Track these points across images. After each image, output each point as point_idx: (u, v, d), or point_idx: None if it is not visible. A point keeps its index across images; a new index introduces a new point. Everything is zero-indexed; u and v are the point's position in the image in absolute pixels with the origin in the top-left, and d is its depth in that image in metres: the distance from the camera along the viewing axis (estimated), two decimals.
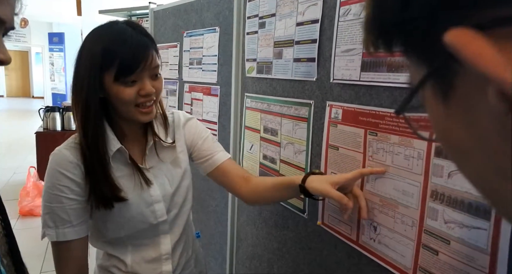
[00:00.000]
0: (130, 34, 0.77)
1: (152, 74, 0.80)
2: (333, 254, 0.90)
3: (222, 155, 0.96)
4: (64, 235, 0.81)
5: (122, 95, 0.77)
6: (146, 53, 0.77)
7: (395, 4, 0.20)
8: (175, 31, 1.82)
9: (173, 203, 0.91)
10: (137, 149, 0.90)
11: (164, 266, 0.92)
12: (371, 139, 0.76)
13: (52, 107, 3.65)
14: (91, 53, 0.77)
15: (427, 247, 0.65)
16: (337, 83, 0.86)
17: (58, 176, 0.79)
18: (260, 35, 1.15)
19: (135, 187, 0.86)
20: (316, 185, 0.77)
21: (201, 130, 0.98)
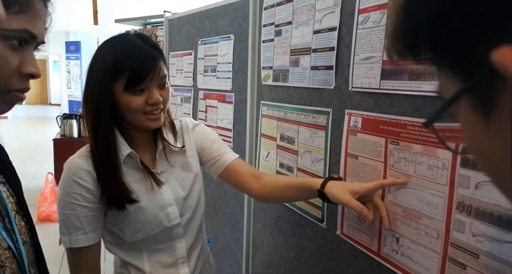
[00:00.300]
0: (140, 45, 0.81)
1: (159, 84, 0.84)
2: (353, 265, 0.88)
3: (230, 155, 0.97)
4: (77, 241, 0.84)
5: (131, 103, 0.81)
6: (154, 64, 0.81)
7: (433, 16, 0.20)
8: (189, 39, 1.84)
9: (185, 207, 0.93)
10: (147, 155, 0.92)
11: (181, 270, 0.93)
12: (392, 148, 0.75)
13: (69, 115, 3.73)
14: (103, 64, 0.80)
15: (454, 261, 0.63)
16: (356, 91, 0.85)
17: (72, 184, 0.82)
18: (276, 43, 1.15)
19: (147, 191, 0.88)
20: (336, 192, 0.76)
21: (208, 134, 1.00)
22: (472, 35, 0.18)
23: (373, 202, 0.76)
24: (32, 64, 0.46)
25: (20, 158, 5.41)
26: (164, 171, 0.92)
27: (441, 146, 0.65)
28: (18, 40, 0.44)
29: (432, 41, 0.21)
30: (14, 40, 0.43)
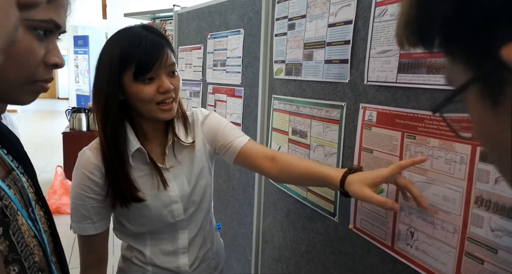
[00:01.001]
0: (145, 35, 0.81)
1: (168, 72, 0.83)
2: (366, 259, 0.88)
3: (242, 139, 0.94)
4: (85, 230, 0.88)
5: (141, 93, 0.81)
6: (161, 51, 0.81)
7: (448, 10, 0.20)
8: (199, 33, 1.84)
9: (190, 202, 0.94)
10: (158, 149, 0.92)
11: (181, 259, 0.95)
12: (409, 142, 0.74)
13: (78, 108, 3.76)
14: (110, 57, 0.81)
15: (471, 256, 0.63)
16: (371, 85, 0.84)
17: (82, 175, 0.85)
18: (289, 37, 1.14)
19: (153, 187, 0.89)
20: (355, 189, 0.73)
21: (220, 122, 0.98)
22: (485, 30, 0.19)
23: (397, 183, 0.72)
24: (56, 54, 0.47)
25: (30, 151, 5.43)
26: (173, 166, 0.92)
27: (459, 140, 0.64)
28: (44, 30, 0.44)
29: (446, 34, 0.22)
30: (40, 30, 0.44)
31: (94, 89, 0.85)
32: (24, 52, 0.43)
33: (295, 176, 0.87)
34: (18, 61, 0.43)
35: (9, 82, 0.44)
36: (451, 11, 0.20)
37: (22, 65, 0.43)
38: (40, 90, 0.48)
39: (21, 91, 0.45)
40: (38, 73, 0.46)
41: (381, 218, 0.82)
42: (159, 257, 0.94)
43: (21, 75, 0.44)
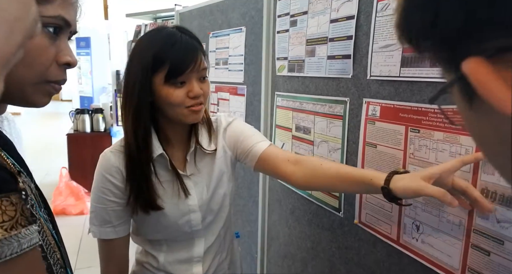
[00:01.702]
0: (180, 36, 0.79)
1: (200, 76, 0.82)
2: (372, 253, 0.88)
3: (262, 144, 0.90)
4: (106, 234, 0.86)
5: (171, 97, 0.78)
6: (195, 55, 0.79)
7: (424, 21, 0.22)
8: (201, 32, 1.84)
9: (208, 211, 0.91)
10: (180, 155, 0.90)
11: (194, 268, 0.93)
12: (413, 136, 0.74)
13: (81, 110, 3.77)
14: (142, 58, 0.79)
15: (477, 248, 0.63)
16: (374, 80, 0.84)
17: (102, 178, 0.83)
18: (291, 33, 1.14)
19: (174, 195, 0.87)
20: (406, 183, 0.64)
21: (242, 129, 0.94)
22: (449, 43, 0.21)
23: (454, 185, 0.63)
24: (68, 53, 0.47)
25: (34, 153, 5.51)
26: (193, 173, 0.89)
27: (464, 133, 0.64)
28: (54, 27, 0.45)
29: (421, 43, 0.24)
30: (50, 27, 0.44)
31: (125, 89, 0.83)
32: (36, 50, 0.43)
33: (324, 179, 0.78)
34: (30, 60, 0.43)
35: (22, 82, 0.44)
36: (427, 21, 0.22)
37: (34, 64, 0.43)
38: (53, 92, 0.48)
39: (33, 91, 0.45)
40: (50, 73, 0.46)
41: (387, 213, 0.82)
42: (173, 265, 0.92)
43: (34, 74, 0.44)
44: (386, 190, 0.66)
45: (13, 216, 0.36)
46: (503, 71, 0.18)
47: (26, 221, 0.38)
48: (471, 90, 0.20)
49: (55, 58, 0.46)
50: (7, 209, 0.36)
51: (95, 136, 3.68)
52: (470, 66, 0.19)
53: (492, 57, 0.19)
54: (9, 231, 0.35)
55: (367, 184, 0.70)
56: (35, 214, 0.43)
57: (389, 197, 0.66)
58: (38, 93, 0.46)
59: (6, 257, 0.35)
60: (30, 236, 0.38)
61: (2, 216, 0.35)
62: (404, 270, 0.79)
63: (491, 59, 0.19)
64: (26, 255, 0.37)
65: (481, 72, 0.19)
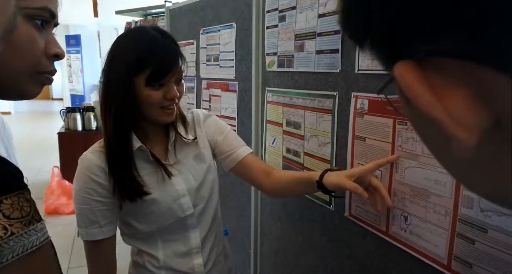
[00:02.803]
0: (162, 42, 0.82)
1: (177, 79, 0.85)
2: (362, 245, 0.89)
3: (244, 149, 0.97)
4: (93, 235, 0.86)
5: (150, 98, 0.82)
6: (176, 60, 0.83)
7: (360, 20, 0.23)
8: (191, 29, 1.83)
9: (199, 197, 0.94)
10: (160, 147, 0.93)
11: (195, 260, 0.94)
12: (401, 128, 0.75)
13: (72, 108, 3.74)
14: (125, 59, 0.81)
15: (463, 236, 0.64)
16: (362, 74, 0.85)
17: (86, 179, 0.84)
18: (280, 29, 1.15)
19: (159, 182, 0.89)
20: (332, 179, 0.79)
21: (221, 126, 1.00)
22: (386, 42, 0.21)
23: (371, 184, 0.79)
24: (56, 45, 0.48)
25: (26, 152, 5.45)
26: (176, 163, 0.93)
27: None
28: (41, 20, 0.45)
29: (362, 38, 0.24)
30: (38, 20, 0.45)
31: (105, 88, 0.85)
32: (26, 42, 0.44)
33: (284, 185, 0.92)
34: (21, 52, 0.44)
35: (15, 74, 0.45)
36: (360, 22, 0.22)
37: (26, 56, 0.45)
38: (46, 82, 0.49)
39: (27, 82, 0.47)
40: (41, 64, 0.47)
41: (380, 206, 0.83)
42: (173, 260, 0.93)
43: (26, 66, 0.46)
44: (320, 184, 0.81)
45: (29, 212, 0.39)
46: (430, 74, 0.19)
47: (38, 215, 0.40)
48: None
49: (44, 50, 0.47)
50: (24, 205, 0.38)
51: (86, 135, 3.65)
52: (399, 71, 0.19)
53: (421, 60, 0.19)
54: (28, 226, 0.38)
55: (309, 181, 0.84)
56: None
57: (322, 189, 0.82)
58: (32, 84, 0.48)
59: (27, 250, 0.37)
60: (44, 230, 0.40)
61: (20, 212, 0.37)
62: (393, 260, 0.81)
63: (421, 62, 0.19)
64: (42, 247, 0.39)
65: (408, 77, 0.19)
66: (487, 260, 0.60)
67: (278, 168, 1.22)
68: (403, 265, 0.78)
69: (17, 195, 0.37)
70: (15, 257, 0.35)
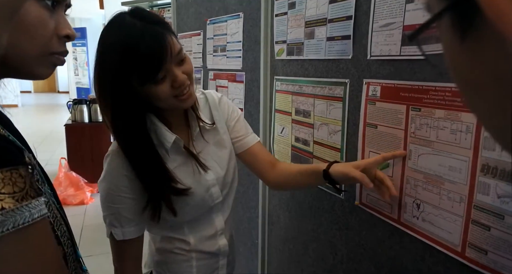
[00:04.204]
0: (140, 29, 0.71)
1: (178, 61, 0.76)
2: (373, 233, 0.89)
3: (253, 137, 0.96)
4: (130, 233, 0.83)
5: (156, 94, 0.75)
6: (164, 46, 0.71)
7: None
8: (198, 19, 1.82)
9: (225, 184, 0.93)
10: (183, 136, 0.88)
11: (220, 241, 0.95)
12: (414, 115, 0.74)
13: (79, 100, 3.75)
14: (110, 62, 0.74)
15: (478, 223, 0.63)
16: (374, 60, 0.83)
17: (119, 176, 0.80)
18: (290, 16, 1.13)
19: (195, 174, 0.87)
20: (339, 168, 0.80)
21: (233, 110, 0.97)
22: None
23: (376, 176, 0.79)
24: (67, 26, 0.48)
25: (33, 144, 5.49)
26: (200, 151, 0.90)
27: (466, 110, 0.64)
28: (51, 0, 0.45)
29: None
30: (48, 0, 0.44)
31: (99, 91, 0.78)
32: (36, 23, 0.44)
33: (289, 177, 0.91)
34: (32, 33, 0.44)
35: (26, 55, 0.45)
36: None
37: (36, 37, 0.45)
38: (57, 63, 0.49)
39: (38, 63, 0.47)
40: (52, 45, 0.47)
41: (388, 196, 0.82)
42: (203, 243, 0.92)
43: (37, 47, 0.45)
44: (326, 173, 0.81)
45: (23, 188, 0.38)
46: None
47: (35, 192, 0.40)
48: (467, 20, 0.19)
49: (55, 31, 0.47)
50: (17, 181, 0.38)
51: (93, 126, 3.66)
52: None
53: None
54: (20, 201, 0.37)
55: (315, 171, 0.84)
56: (40, 188, 0.44)
57: (328, 179, 0.81)
58: (42, 65, 0.48)
59: (19, 226, 0.37)
60: (40, 207, 0.39)
61: (13, 187, 0.37)
62: (405, 248, 0.80)
63: None
64: (37, 224, 0.38)
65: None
66: (503, 247, 0.59)
67: (287, 157, 1.22)
68: (415, 253, 0.78)
69: (9, 170, 0.37)
70: (4, 232, 0.35)
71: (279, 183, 0.94)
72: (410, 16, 0.73)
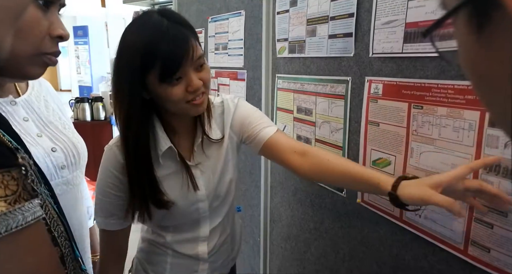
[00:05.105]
0: (167, 27, 0.71)
1: (197, 66, 0.75)
2: (375, 231, 0.89)
3: (268, 130, 0.88)
4: (111, 225, 0.85)
5: (170, 95, 0.74)
6: (186, 47, 0.71)
7: None
8: (199, 17, 1.81)
9: (215, 197, 0.91)
10: (186, 144, 0.87)
11: (200, 247, 0.94)
12: (416, 112, 0.74)
13: (81, 98, 3.75)
14: (131, 54, 0.73)
15: (480, 221, 0.63)
16: (377, 57, 0.83)
17: (108, 173, 0.81)
18: (291, 14, 1.13)
19: (183, 186, 0.85)
20: (413, 191, 0.62)
21: (248, 110, 0.92)
22: None
23: (468, 188, 0.61)
24: (60, 26, 0.47)
25: None
26: (200, 163, 0.87)
27: (468, 107, 0.64)
28: (44, 0, 0.44)
29: None
30: (41, 0, 0.44)
31: (115, 86, 0.77)
32: (29, 22, 0.44)
33: (332, 175, 0.78)
34: (24, 32, 0.43)
35: (18, 55, 0.44)
36: None
37: (29, 36, 0.44)
38: (49, 63, 0.48)
39: (29, 63, 0.46)
40: (45, 45, 0.46)
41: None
42: (180, 243, 0.93)
43: (29, 46, 0.45)
44: (393, 196, 0.65)
45: (15, 190, 0.37)
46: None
47: (28, 195, 0.39)
48: (484, 14, 0.18)
49: (48, 31, 0.46)
50: (9, 184, 0.37)
51: (95, 125, 3.67)
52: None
53: None
54: (13, 204, 0.36)
55: (374, 187, 0.70)
56: (36, 189, 0.43)
57: (396, 202, 0.65)
58: (34, 65, 0.47)
59: (12, 229, 0.36)
60: (34, 209, 0.39)
61: (5, 190, 0.36)
62: (407, 246, 0.80)
63: None
64: (31, 227, 0.38)
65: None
66: (506, 245, 0.59)
67: None
68: (417, 251, 0.77)
69: (1, 173, 0.36)
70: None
71: (313, 176, 0.84)
72: (412, 13, 0.73)
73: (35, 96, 0.85)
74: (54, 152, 0.81)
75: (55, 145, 0.83)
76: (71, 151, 0.86)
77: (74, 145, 0.87)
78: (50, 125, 0.85)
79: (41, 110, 0.84)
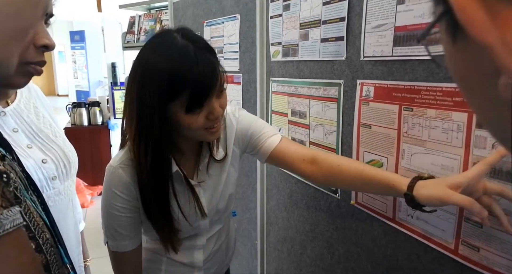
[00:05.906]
0: (194, 54, 0.67)
1: (218, 93, 0.73)
2: (369, 232, 0.90)
3: (273, 139, 0.87)
4: (124, 246, 0.85)
5: (191, 124, 0.72)
6: (216, 76, 0.70)
7: None
8: (195, 21, 1.83)
9: (216, 212, 0.92)
10: (191, 163, 0.87)
11: (195, 255, 0.95)
12: (406, 114, 0.75)
13: (78, 103, 3.76)
14: (157, 79, 0.68)
15: (470, 220, 0.64)
16: (368, 61, 0.84)
17: (114, 196, 0.79)
18: (284, 18, 1.14)
19: (185, 205, 0.84)
20: (430, 191, 0.61)
21: (249, 120, 0.91)
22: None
23: (487, 190, 0.59)
24: (45, 36, 0.47)
25: None
26: (203, 181, 0.88)
27: (456, 109, 0.65)
28: None
29: None
30: None
31: (139, 108, 0.72)
32: None
33: (344, 180, 0.77)
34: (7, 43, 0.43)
35: (2, 64, 0.44)
36: None
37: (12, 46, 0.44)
38: (33, 72, 0.49)
39: (13, 73, 0.46)
40: (28, 55, 0.46)
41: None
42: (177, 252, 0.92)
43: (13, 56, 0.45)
44: (409, 197, 0.63)
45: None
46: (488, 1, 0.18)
47: (8, 202, 0.38)
48: (456, 23, 0.20)
49: (32, 41, 0.46)
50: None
51: (93, 130, 3.68)
52: None
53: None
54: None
55: (389, 188, 0.68)
56: (19, 196, 0.43)
57: (413, 203, 0.64)
58: (18, 74, 0.47)
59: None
60: (13, 217, 0.38)
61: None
62: (400, 246, 0.81)
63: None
64: (10, 235, 0.37)
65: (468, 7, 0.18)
66: (494, 244, 0.60)
67: None
68: (410, 251, 0.78)
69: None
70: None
71: (325, 182, 0.84)
72: (401, 17, 0.74)
73: (24, 103, 0.84)
74: (45, 163, 0.80)
75: (46, 156, 0.82)
76: (61, 161, 0.85)
77: (65, 154, 0.87)
78: (41, 134, 0.84)
79: (31, 119, 0.83)
